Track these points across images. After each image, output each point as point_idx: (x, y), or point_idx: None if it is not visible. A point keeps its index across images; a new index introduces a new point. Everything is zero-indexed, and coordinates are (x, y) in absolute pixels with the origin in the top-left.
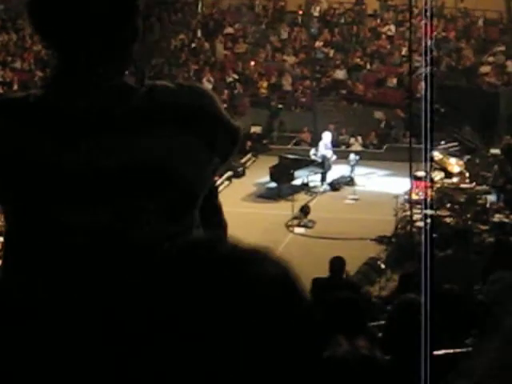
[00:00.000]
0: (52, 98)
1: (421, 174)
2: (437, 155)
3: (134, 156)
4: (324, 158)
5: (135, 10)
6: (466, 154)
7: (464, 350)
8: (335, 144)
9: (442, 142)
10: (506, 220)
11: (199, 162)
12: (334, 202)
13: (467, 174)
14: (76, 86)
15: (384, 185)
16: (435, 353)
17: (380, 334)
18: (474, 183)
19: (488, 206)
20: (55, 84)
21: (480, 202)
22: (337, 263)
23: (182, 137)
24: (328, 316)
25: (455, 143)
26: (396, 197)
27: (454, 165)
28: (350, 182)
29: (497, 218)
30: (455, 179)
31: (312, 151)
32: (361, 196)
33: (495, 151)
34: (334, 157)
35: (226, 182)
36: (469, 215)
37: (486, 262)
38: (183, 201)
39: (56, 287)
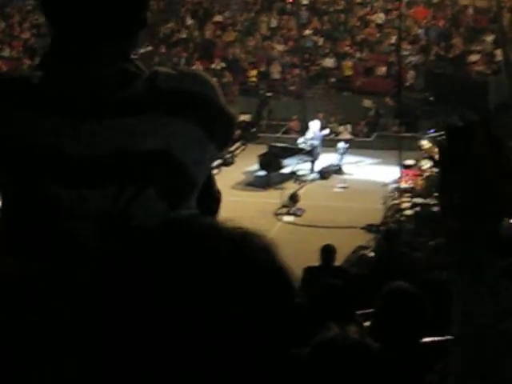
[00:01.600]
0: (55, 82)
1: (410, 162)
2: (425, 144)
3: (135, 141)
4: (313, 146)
5: None
6: None
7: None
8: (324, 132)
9: (431, 131)
10: None
11: (198, 150)
12: (323, 191)
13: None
14: (79, 71)
15: (373, 173)
16: (424, 340)
17: (368, 322)
18: None
19: None
20: (58, 67)
21: None
22: (327, 251)
23: (182, 123)
24: (316, 304)
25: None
26: (385, 185)
27: None
28: (338, 170)
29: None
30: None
31: (301, 139)
32: (349, 184)
33: None
34: (321, 145)
35: (216, 170)
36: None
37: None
38: (182, 188)
39: (50, 270)
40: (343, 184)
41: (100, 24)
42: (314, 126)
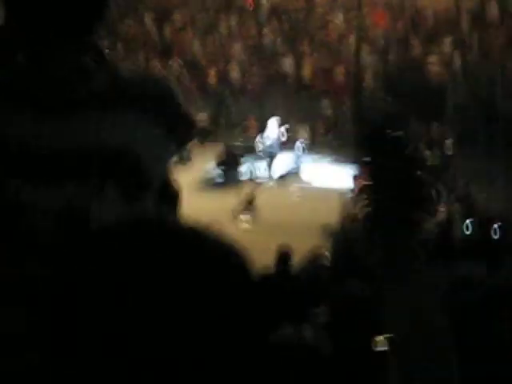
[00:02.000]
0: (14, 78)
1: (368, 158)
2: None
3: (95, 137)
4: (273, 145)
5: None
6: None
7: None
8: (282, 132)
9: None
10: (451, 211)
11: (158, 147)
12: (279, 191)
13: None
14: (40, 66)
15: (330, 174)
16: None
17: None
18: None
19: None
20: (18, 62)
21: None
22: (283, 252)
23: (142, 120)
24: (273, 305)
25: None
26: (341, 187)
27: None
28: (295, 170)
29: (441, 209)
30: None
31: (258, 139)
32: (306, 185)
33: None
34: (278, 145)
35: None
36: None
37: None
38: (141, 184)
39: (15, 265)
40: (300, 184)
41: (59, 17)
42: (273, 124)
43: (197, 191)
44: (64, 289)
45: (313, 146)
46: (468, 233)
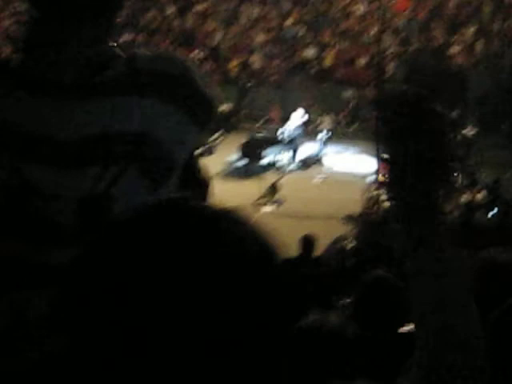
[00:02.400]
0: (33, 64)
1: (386, 156)
2: None
3: (115, 123)
4: (294, 136)
5: None
6: None
7: None
8: (305, 122)
9: None
10: (474, 200)
11: (178, 131)
12: (303, 181)
13: None
14: (59, 53)
15: (353, 164)
16: (401, 330)
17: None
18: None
19: (456, 186)
20: (37, 49)
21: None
22: (307, 241)
23: (161, 105)
24: (297, 292)
25: None
26: (364, 176)
27: None
28: (318, 160)
29: (464, 198)
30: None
31: (281, 130)
32: (329, 175)
33: (464, 132)
34: (302, 135)
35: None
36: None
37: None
38: (163, 169)
39: (29, 252)
40: (323, 175)
41: (78, 5)
42: (297, 115)
43: (220, 182)
44: (89, 276)
45: (336, 136)
46: (493, 220)
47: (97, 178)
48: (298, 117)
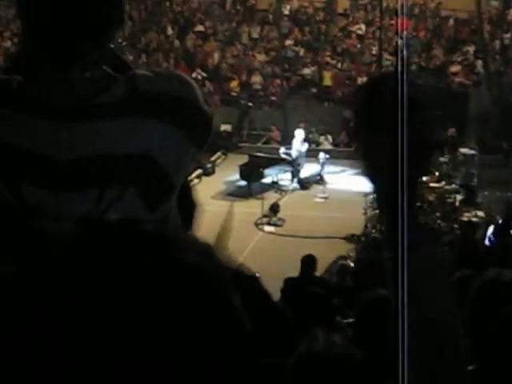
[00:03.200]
0: (34, 86)
1: None
2: None
3: (115, 144)
4: (298, 155)
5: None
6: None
7: None
8: (305, 142)
9: None
10: (475, 219)
11: (178, 152)
12: (304, 201)
13: (436, 173)
14: (59, 74)
15: (354, 183)
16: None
17: (350, 331)
18: (443, 182)
19: (457, 204)
20: (37, 70)
21: (449, 201)
22: (308, 261)
23: (161, 126)
24: (298, 312)
25: None
26: (365, 195)
27: None
28: (319, 180)
29: (466, 216)
30: (424, 178)
31: (282, 149)
32: (330, 194)
33: (464, 151)
34: (302, 155)
35: (196, 180)
36: (438, 214)
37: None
38: (161, 190)
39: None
40: (324, 194)
41: (78, 24)
42: (299, 134)
43: (221, 202)
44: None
45: (336, 155)
46: (491, 239)
47: (96, 200)
48: (299, 136)
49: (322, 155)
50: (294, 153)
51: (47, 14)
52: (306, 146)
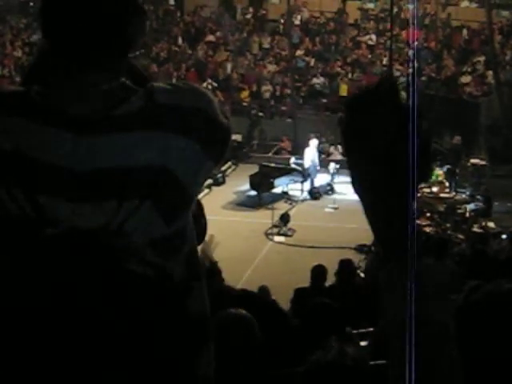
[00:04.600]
0: (53, 96)
1: None
2: None
3: (132, 157)
4: (311, 164)
5: (139, 10)
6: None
7: None
8: (316, 152)
9: None
10: (481, 230)
11: (195, 165)
12: (314, 211)
13: (447, 184)
14: (78, 86)
15: None
16: None
17: (364, 342)
18: (453, 193)
19: (467, 215)
20: (56, 81)
21: (459, 211)
22: (318, 271)
23: (179, 139)
24: (308, 323)
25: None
26: None
27: (434, 174)
28: (329, 190)
29: (476, 227)
30: (435, 188)
31: (292, 159)
32: (340, 205)
33: (475, 161)
34: (313, 166)
35: (206, 190)
36: (448, 225)
37: (464, 272)
38: (177, 202)
39: (32, 282)
40: (334, 204)
41: (99, 36)
42: (313, 143)
43: (231, 212)
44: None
45: (346, 167)
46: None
47: (112, 212)
48: (313, 145)
49: (332, 165)
50: (306, 162)
51: (69, 24)
52: (315, 156)
